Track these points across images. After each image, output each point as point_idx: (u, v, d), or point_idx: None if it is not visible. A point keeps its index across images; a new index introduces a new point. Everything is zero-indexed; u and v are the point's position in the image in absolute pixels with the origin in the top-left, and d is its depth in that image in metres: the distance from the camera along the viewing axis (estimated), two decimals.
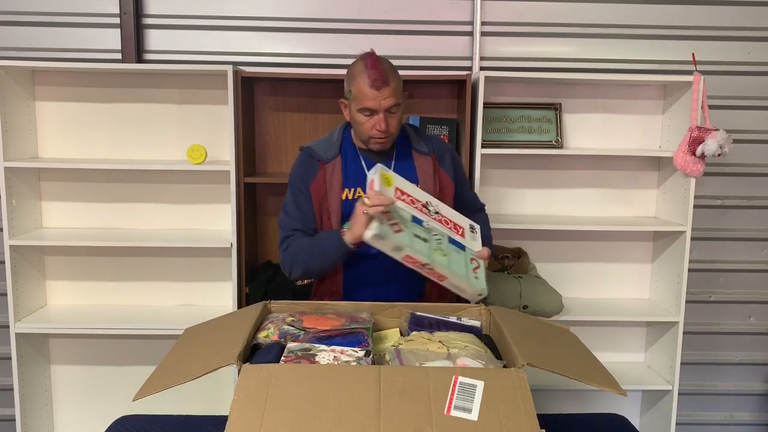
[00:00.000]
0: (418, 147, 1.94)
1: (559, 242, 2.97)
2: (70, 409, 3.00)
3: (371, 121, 1.80)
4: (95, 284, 2.92)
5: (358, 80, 1.79)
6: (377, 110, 1.78)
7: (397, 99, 1.80)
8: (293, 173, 1.94)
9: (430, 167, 1.92)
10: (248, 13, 2.85)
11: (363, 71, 1.78)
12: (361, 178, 1.87)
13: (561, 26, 2.88)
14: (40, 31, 2.82)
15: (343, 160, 1.90)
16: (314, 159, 1.90)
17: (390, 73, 1.79)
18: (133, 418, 1.80)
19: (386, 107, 1.78)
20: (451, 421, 1.15)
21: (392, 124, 1.82)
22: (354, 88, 1.81)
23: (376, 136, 1.82)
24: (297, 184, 1.91)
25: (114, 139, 2.83)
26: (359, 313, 1.64)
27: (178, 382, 1.31)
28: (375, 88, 1.76)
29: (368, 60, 1.79)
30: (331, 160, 1.89)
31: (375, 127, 1.80)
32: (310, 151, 1.93)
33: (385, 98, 1.77)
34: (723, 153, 2.54)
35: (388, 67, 1.81)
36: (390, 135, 1.83)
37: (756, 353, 3.14)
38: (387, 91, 1.77)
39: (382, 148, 1.87)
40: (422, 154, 1.94)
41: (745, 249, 3.07)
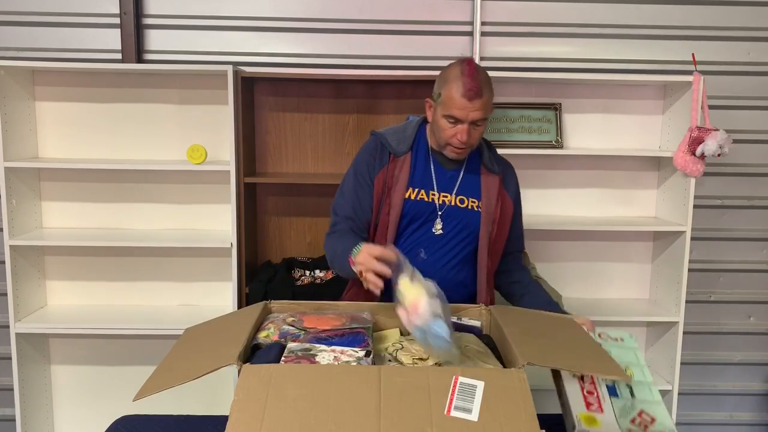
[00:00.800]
0: (488, 164, 1.90)
1: (559, 242, 2.97)
2: (70, 409, 3.00)
3: (454, 129, 1.75)
4: (95, 284, 2.92)
5: (451, 86, 1.73)
6: (463, 120, 1.73)
7: (486, 113, 1.75)
8: (360, 158, 1.89)
9: (496, 187, 1.88)
10: (248, 13, 2.84)
11: (458, 78, 1.72)
12: (428, 180, 1.85)
13: (561, 26, 2.88)
14: (40, 31, 2.82)
15: (413, 157, 1.86)
16: (385, 150, 1.86)
17: (485, 85, 1.74)
18: (133, 418, 1.80)
19: (473, 119, 1.73)
20: (451, 422, 1.15)
21: (474, 136, 1.77)
22: (445, 92, 1.75)
23: (456, 144, 1.78)
24: (362, 172, 1.86)
25: (114, 139, 2.83)
26: (359, 313, 1.64)
27: (178, 382, 1.30)
28: (467, 98, 1.70)
29: (466, 67, 1.73)
30: (402, 154, 1.85)
31: (456, 137, 1.75)
32: (382, 140, 1.87)
33: (475, 110, 1.72)
34: (723, 153, 2.54)
35: (483, 79, 1.75)
36: (469, 147, 1.80)
37: (756, 353, 3.14)
38: (478, 104, 1.72)
39: (457, 158, 1.83)
40: (491, 172, 1.89)
41: (745, 249, 3.07)
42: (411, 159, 1.85)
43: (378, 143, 1.88)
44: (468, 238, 1.86)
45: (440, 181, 1.86)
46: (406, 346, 1.49)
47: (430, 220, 1.84)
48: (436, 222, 1.84)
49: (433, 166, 1.87)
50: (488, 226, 1.86)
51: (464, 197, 1.86)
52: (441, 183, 1.86)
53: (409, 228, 1.85)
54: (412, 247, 1.85)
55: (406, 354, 1.44)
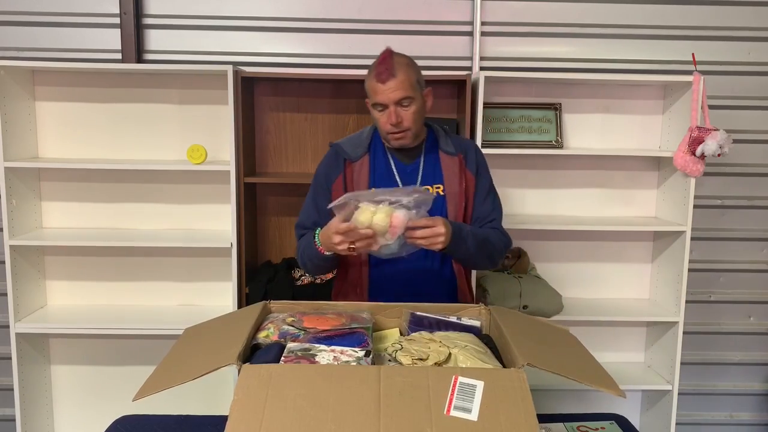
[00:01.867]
0: (446, 147, 1.92)
1: (559, 242, 2.97)
2: (70, 409, 3.00)
3: (385, 115, 1.79)
4: (95, 284, 2.92)
5: (369, 76, 1.81)
6: (387, 104, 1.77)
7: (407, 92, 1.77)
8: (318, 170, 1.94)
9: (456, 167, 1.90)
10: (248, 13, 2.85)
11: (373, 67, 1.79)
12: (390, 178, 1.87)
13: (561, 26, 2.88)
14: (40, 31, 2.82)
15: (372, 158, 1.89)
16: (340, 157, 1.89)
17: (399, 66, 1.77)
18: (133, 418, 1.80)
19: (395, 100, 1.76)
20: (451, 421, 1.15)
21: (405, 116, 1.79)
22: (367, 84, 1.82)
23: (390, 130, 1.80)
24: (320, 182, 1.91)
25: (114, 139, 2.83)
26: (359, 313, 1.64)
27: (178, 382, 1.30)
28: (381, 81, 1.75)
29: (380, 56, 1.79)
30: (358, 158, 1.88)
31: (388, 121, 1.79)
32: (338, 149, 1.91)
33: (392, 91, 1.75)
34: (723, 153, 2.54)
35: (399, 61, 1.78)
36: (406, 129, 1.81)
37: (756, 353, 3.14)
38: (393, 83, 1.75)
39: (401, 145, 1.85)
40: (449, 154, 1.91)
41: (745, 249, 3.07)
42: (369, 161, 1.88)
43: (334, 152, 1.93)
44: None
45: (402, 176, 1.88)
46: (406, 347, 1.49)
47: None
48: None
49: (394, 164, 1.89)
50: (455, 206, 1.87)
51: (428, 186, 1.88)
52: (403, 178, 1.88)
53: None
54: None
55: (406, 354, 1.44)
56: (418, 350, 1.47)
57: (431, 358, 1.43)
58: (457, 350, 1.46)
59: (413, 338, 1.55)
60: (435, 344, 1.49)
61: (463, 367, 1.38)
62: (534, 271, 2.87)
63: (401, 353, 1.46)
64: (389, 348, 1.51)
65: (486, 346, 1.54)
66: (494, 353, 1.53)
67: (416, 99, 1.80)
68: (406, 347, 1.49)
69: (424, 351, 1.46)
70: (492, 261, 1.91)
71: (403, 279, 1.87)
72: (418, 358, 1.44)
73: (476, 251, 1.80)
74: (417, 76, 1.81)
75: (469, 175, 1.91)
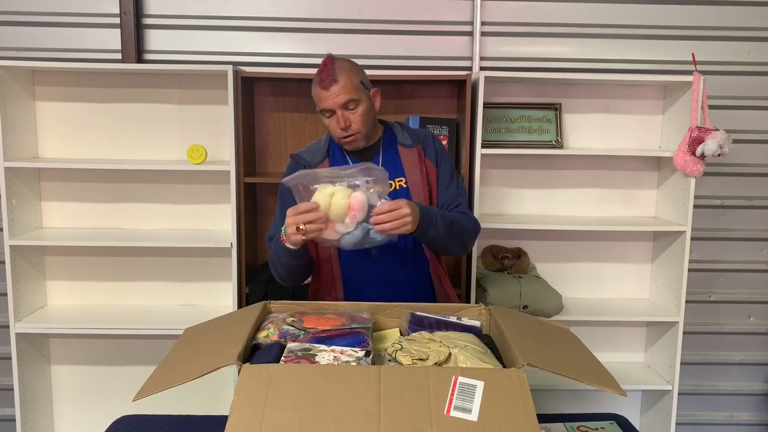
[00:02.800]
0: (403, 141, 1.93)
1: (559, 242, 2.97)
2: (70, 409, 3.00)
3: (333, 121, 1.81)
4: (95, 284, 2.92)
5: (313, 84, 1.82)
6: (333, 109, 1.79)
7: (351, 95, 1.78)
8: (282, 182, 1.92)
9: (416, 158, 1.91)
10: (248, 13, 2.85)
11: (316, 75, 1.81)
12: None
13: (561, 26, 2.88)
14: (40, 31, 2.82)
15: (332, 163, 1.91)
16: (300, 165, 1.91)
17: (340, 71, 1.78)
18: (133, 418, 1.80)
19: (340, 104, 1.78)
20: (451, 422, 1.15)
21: (353, 119, 1.80)
22: (313, 93, 1.84)
23: (340, 135, 1.82)
24: (285, 193, 1.90)
25: (114, 139, 2.83)
26: (359, 313, 1.64)
27: (178, 382, 1.30)
28: (324, 88, 1.78)
29: (321, 64, 1.81)
30: (318, 164, 1.90)
31: (337, 126, 1.81)
32: (297, 158, 1.94)
33: (336, 95, 1.77)
34: (723, 153, 2.54)
35: (340, 66, 1.80)
36: (356, 132, 1.82)
37: (756, 353, 3.14)
38: (336, 88, 1.77)
39: (353, 148, 1.86)
40: (407, 147, 1.92)
41: (745, 249, 3.07)
42: (329, 165, 1.89)
43: (294, 162, 1.95)
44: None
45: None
46: (406, 347, 1.49)
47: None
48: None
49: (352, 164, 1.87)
50: (418, 197, 1.87)
51: (390, 181, 1.87)
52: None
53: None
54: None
55: (406, 354, 1.44)
56: (418, 350, 1.47)
57: (431, 358, 1.43)
58: (457, 350, 1.46)
59: (413, 338, 1.55)
60: (435, 344, 1.49)
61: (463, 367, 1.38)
62: (534, 271, 2.87)
63: (401, 353, 1.46)
64: (389, 348, 1.51)
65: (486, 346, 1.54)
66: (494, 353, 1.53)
67: (362, 101, 1.81)
68: (406, 347, 1.49)
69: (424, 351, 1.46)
70: (463, 245, 1.89)
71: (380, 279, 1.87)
72: (418, 358, 1.44)
73: (446, 233, 1.78)
74: (360, 77, 1.83)
75: (429, 164, 1.92)
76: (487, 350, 1.51)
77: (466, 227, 1.86)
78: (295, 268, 1.83)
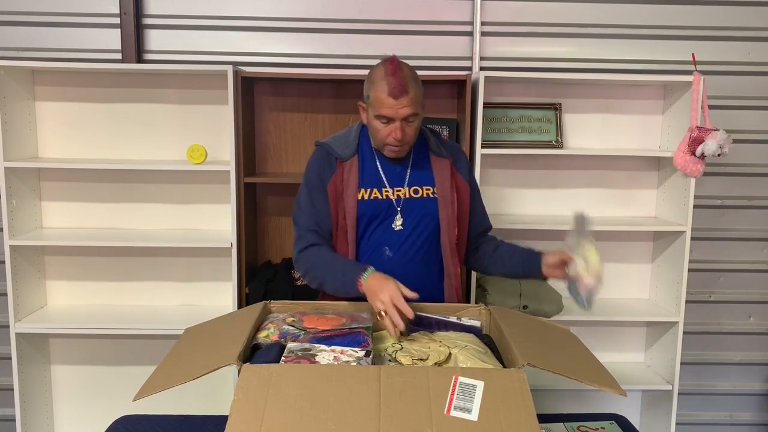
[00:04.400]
0: (437, 150, 1.91)
1: (559, 242, 2.95)
2: (70, 409, 3.00)
3: (387, 128, 1.77)
4: (95, 284, 2.92)
5: (377, 86, 1.75)
6: (394, 119, 1.75)
7: (415, 108, 1.75)
8: (310, 169, 1.91)
9: (447, 171, 1.90)
10: (248, 13, 2.84)
11: (383, 77, 1.74)
12: (378, 178, 1.86)
13: (561, 26, 2.88)
14: (40, 31, 2.82)
15: (360, 159, 1.88)
16: (332, 157, 1.88)
17: (410, 81, 1.74)
18: (133, 418, 1.80)
19: (403, 116, 1.74)
20: (451, 421, 1.15)
21: (409, 132, 1.78)
22: (372, 94, 1.76)
23: (392, 143, 1.79)
24: (314, 181, 1.88)
25: (114, 139, 2.83)
26: (359, 313, 1.64)
27: (178, 382, 1.31)
28: (393, 96, 1.72)
29: (389, 66, 1.74)
30: (348, 158, 1.87)
31: (391, 135, 1.77)
32: (327, 148, 1.90)
33: (402, 107, 1.73)
34: (723, 153, 2.54)
35: (408, 75, 1.76)
36: (406, 144, 1.81)
37: (756, 353, 3.14)
38: (405, 100, 1.72)
39: (396, 156, 1.85)
40: (440, 157, 1.91)
41: (745, 249, 3.07)
42: (358, 161, 1.87)
43: (324, 152, 1.90)
44: (429, 227, 1.87)
45: (390, 177, 1.87)
46: (406, 347, 1.49)
47: (389, 216, 1.85)
48: (396, 218, 1.85)
49: (381, 164, 1.88)
50: (447, 209, 1.87)
51: (418, 187, 1.87)
52: (391, 179, 1.87)
53: (368, 229, 1.85)
54: (375, 247, 1.85)
55: (406, 355, 1.45)
56: (418, 350, 1.47)
57: (431, 358, 1.44)
58: (457, 350, 1.46)
59: (413, 338, 1.55)
60: (435, 344, 1.49)
61: (463, 367, 1.38)
62: None
63: (401, 353, 1.46)
64: (389, 348, 1.51)
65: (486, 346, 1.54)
66: (494, 353, 1.53)
67: (420, 114, 1.80)
68: (406, 347, 1.49)
69: (424, 351, 1.46)
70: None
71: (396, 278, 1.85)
72: (418, 358, 1.44)
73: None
74: (422, 91, 1.80)
75: (460, 179, 1.93)
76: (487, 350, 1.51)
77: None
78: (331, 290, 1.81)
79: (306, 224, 1.87)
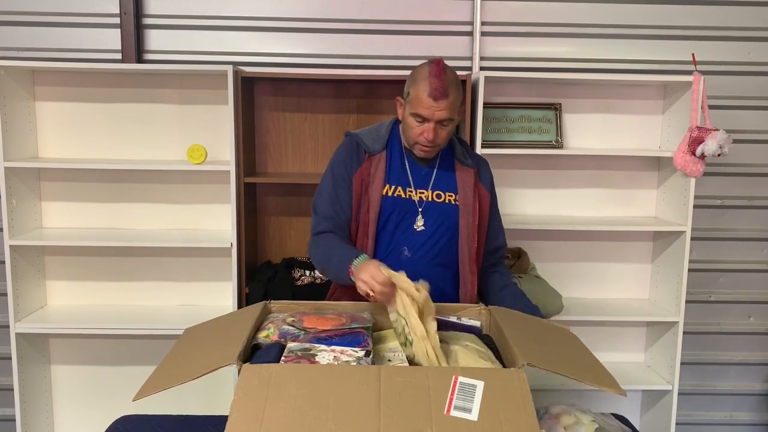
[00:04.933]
0: (462, 159, 1.93)
1: (559, 242, 2.97)
2: (70, 409, 3.00)
3: (421, 127, 1.79)
4: (95, 284, 2.92)
5: (419, 85, 1.76)
6: (429, 119, 1.77)
7: (452, 114, 1.78)
8: (338, 158, 1.92)
9: (471, 180, 1.91)
10: (248, 13, 2.84)
11: (426, 77, 1.75)
12: (404, 177, 1.88)
13: (561, 26, 2.88)
14: (40, 31, 2.82)
15: (389, 155, 1.89)
16: (361, 149, 1.89)
17: (451, 86, 1.76)
18: (133, 418, 1.80)
19: (439, 119, 1.76)
20: (451, 421, 1.15)
21: (441, 135, 1.80)
22: (413, 91, 1.78)
23: (423, 143, 1.81)
24: (340, 171, 1.89)
25: (114, 139, 2.83)
26: (359, 313, 1.64)
27: (178, 382, 1.31)
28: (433, 98, 1.74)
29: (434, 68, 1.76)
30: (377, 152, 1.88)
31: (423, 135, 1.79)
32: (357, 139, 1.91)
33: (440, 110, 1.75)
34: (723, 153, 2.54)
35: (451, 79, 1.77)
36: (436, 146, 1.83)
37: (756, 353, 3.14)
38: (444, 104, 1.75)
39: (425, 156, 1.86)
40: (465, 166, 1.93)
41: (745, 249, 3.06)
42: (386, 157, 1.89)
43: (354, 142, 1.91)
44: (447, 233, 1.88)
45: (416, 178, 1.89)
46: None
47: (410, 216, 1.86)
48: (418, 219, 1.86)
49: (408, 164, 1.90)
50: (467, 218, 1.88)
51: (441, 192, 1.89)
52: (417, 179, 1.89)
53: (388, 225, 1.86)
54: (395, 246, 1.86)
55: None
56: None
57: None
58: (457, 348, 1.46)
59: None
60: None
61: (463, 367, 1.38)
62: (534, 271, 2.87)
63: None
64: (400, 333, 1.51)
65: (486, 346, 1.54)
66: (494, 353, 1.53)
67: (455, 120, 1.82)
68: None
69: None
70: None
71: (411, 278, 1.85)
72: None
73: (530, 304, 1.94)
74: (462, 97, 1.83)
75: (483, 191, 1.94)
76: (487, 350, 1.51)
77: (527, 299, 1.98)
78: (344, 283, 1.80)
79: (324, 211, 1.88)
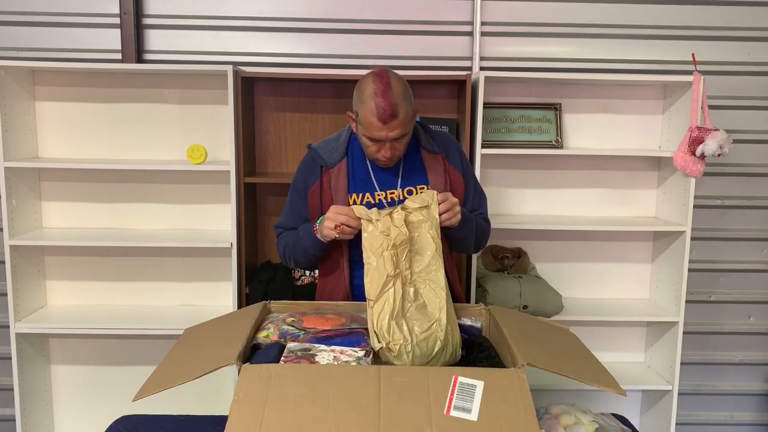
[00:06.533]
0: (428, 146, 1.88)
1: (559, 242, 2.97)
2: (70, 409, 3.00)
3: (376, 146, 1.74)
4: (95, 284, 2.92)
5: (366, 106, 1.68)
6: (384, 141, 1.71)
7: (405, 129, 1.71)
8: (297, 173, 1.92)
9: (440, 165, 1.87)
10: (248, 13, 2.85)
11: (372, 97, 1.67)
12: (369, 182, 1.84)
13: (561, 26, 2.88)
14: (40, 31, 2.82)
15: (350, 163, 1.85)
16: (317, 164, 1.85)
17: (400, 102, 1.67)
18: (133, 418, 1.80)
19: (393, 138, 1.71)
20: (451, 421, 1.15)
21: (399, 148, 1.76)
22: (361, 113, 1.71)
23: (382, 159, 1.77)
24: (298, 187, 1.89)
25: (114, 139, 2.83)
26: (359, 313, 1.64)
27: (178, 382, 1.31)
28: (382, 121, 1.66)
29: (379, 86, 1.67)
30: (335, 164, 1.83)
31: (381, 153, 1.75)
32: (314, 154, 1.87)
33: (391, 130, 1.68)
34: (723, 153, 2.54)
35: (398, 93, 1.68)
36: (396, 157, 1.79)
37: (756, 353, 3.14)
38: (394, 123, 1.67)
39: (386, 166, 1.83)
40: (431, 152, 1.88)
41: (745, 249, 3.06)
42: (348, 165, 1.84)
43: (311, 158, 1.89)
44: None
45: (381, 180, 1.84)
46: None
47: None
48: None
49: (371, 167, 1.85)
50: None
51: (411, 188, 1.84)
52: (382, 181, 1.84)
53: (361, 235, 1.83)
54: None
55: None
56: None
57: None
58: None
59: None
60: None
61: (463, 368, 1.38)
62: (534, 271, 2.87)
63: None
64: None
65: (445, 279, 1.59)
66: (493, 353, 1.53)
67: (409, 132, 1.76)
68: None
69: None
70: (478, 245, 1.96)
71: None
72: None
73: (474, 232, 1.87)
74: (413, 105, 1.73)
75: (454, 173, 1.89)
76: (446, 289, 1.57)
77: (486, 231, 1.96)
78: (317, 258, 1.86)
79: (286, 224, 1.92)
